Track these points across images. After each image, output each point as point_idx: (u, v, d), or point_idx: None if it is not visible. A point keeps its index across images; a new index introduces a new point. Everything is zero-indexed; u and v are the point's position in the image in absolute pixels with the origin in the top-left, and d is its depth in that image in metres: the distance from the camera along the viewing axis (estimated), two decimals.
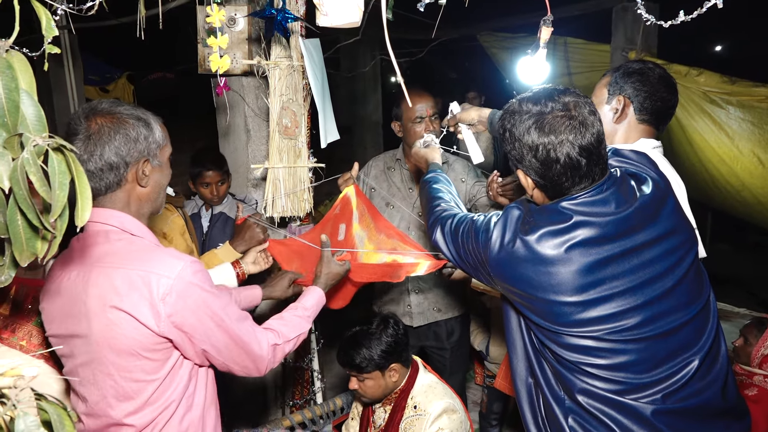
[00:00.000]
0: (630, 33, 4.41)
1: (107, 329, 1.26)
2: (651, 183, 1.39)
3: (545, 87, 1.40)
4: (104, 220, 1.34)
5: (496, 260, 1.39)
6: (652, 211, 1.36)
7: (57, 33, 0.97)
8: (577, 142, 1.30)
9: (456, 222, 1.58)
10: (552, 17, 1.53)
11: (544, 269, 1.31)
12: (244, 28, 2.47)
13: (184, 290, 1.28)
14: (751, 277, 5.66)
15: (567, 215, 1.32)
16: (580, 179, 1.33)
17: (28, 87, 0.87)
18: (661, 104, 1.78)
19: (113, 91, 7.24)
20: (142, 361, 1.29)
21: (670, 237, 1.36)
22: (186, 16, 2.74)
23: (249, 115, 2.78)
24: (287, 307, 1.70)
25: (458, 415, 2.07)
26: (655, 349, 1.32)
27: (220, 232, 2.98)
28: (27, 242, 0.85)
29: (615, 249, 1.31)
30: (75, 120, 1.33)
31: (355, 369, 2.11)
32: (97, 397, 1.32)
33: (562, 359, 1.37)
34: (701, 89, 3.85)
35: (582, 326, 1.32)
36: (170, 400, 1.35)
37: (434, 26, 1.88)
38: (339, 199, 2.16)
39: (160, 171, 1.41)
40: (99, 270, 1.28)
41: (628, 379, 1.32)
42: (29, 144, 0.81)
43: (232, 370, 1.43)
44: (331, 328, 3.23)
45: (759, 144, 3.76)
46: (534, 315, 1.39)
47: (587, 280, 1.30)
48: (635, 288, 1.31)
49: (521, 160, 1.39)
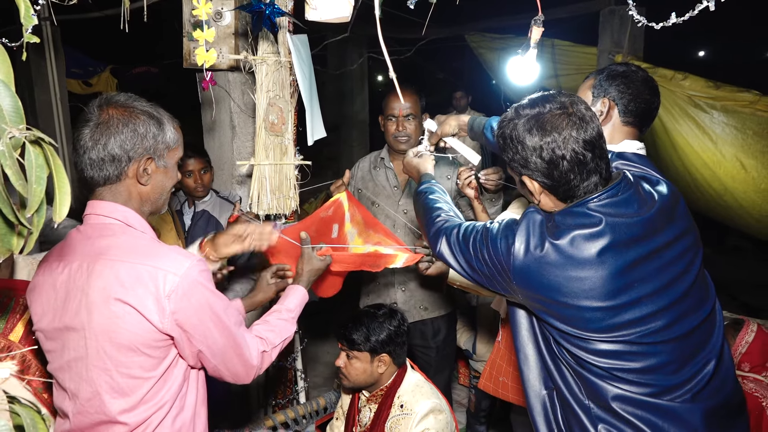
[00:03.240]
0: (617, 36, 4.44)
1: (109, 322, 1.25)
2: (665, 185, 1.40)
3: (537, 94, 1.41)
4: (108, 213, 1.33)
5: (522, 267, 1.35)
6: (669, 212, 1.37)
7: (36, 22, 0.94)
8: (580, 136, 1.30)
9: (463, 232, 1.53)
10: (543, 17, 1.52)
11: (575, 274, 1.29)
12: (231, 23, 2.44)
13: (190, 289, 1.27)
14: (730, 280, 5.74)
15: (596, 217, 1.31)
16: (588, 174, 1.33)
17: (5, 77, 0.84)
18: (645, 106, 1.79)
19: (96, 84, 7.15)
20: (141, 357, 1.28)
21: (684, 238, 1.38)
22: (171, 10, 2.70)
23: (234, 111, 2.74)
24: (271, 309, 1.68)
25: (444, 415, 2.07)
26: (681, 349, 1.34)
27: (201, 230, 2.92)
28: (2, 238, 0.82)
29: (642, 250, 1.31)
30: (90, 108, 1.33)
31: (347, 343, 2.13)
32: (89, 393, 1.29)
33: (592, 366, 1.34)
34: (686, 93, 3.89)
35: (613, 331, 1.31)
36: (164, 399, 1.33)
37: (421, 25, 1.87)
38: (330, 201, 2.18)
39: (164, 173, 1.39)
40: (104, 262, 1.26)
41: (660, 381, 1.32)
42: (5, 136, 0.78)
43: (222, 374, 1.42)
44: (315, 327, 3.20)
45: (742, 149, 3.80)
46: (560, 322, 1.35)
47: (619, 284, 1.29)
48: (660, 290, 1.32)
49: (526, 165, 1.37)
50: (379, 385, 2.18)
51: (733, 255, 6.80)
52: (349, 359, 2.15)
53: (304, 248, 1.88)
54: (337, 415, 2.42)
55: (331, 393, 2.86)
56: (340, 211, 2.19)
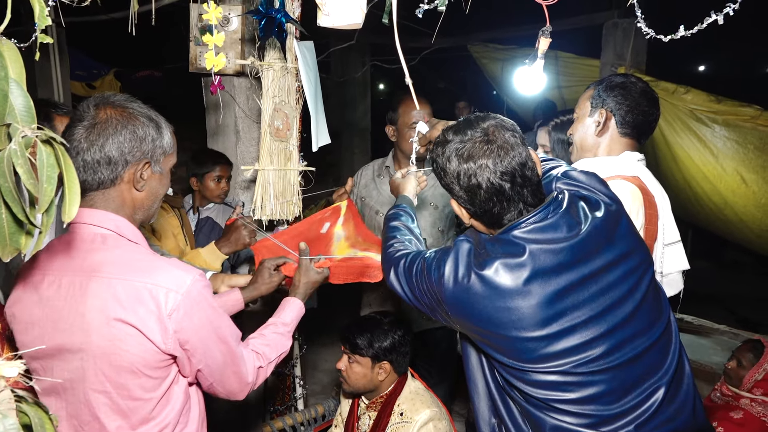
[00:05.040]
0: (620, 49, 4.47)
1: (109, 344, 1.18)
2: (603, 206, 1.34)
3: (470, 116, 1.38)
4: (99, 222, 1.24)
5: (452, 297, 1.32)
6: (607, 234, 1.32)
7: (50, 22, 0.95)
8: (497, 167, 1.28)
9: (408, 261, 1.49)
10: (551, 28, 1.53)
11: (503, 305, 1.26)
12: (238, 28, 2.45)
13: (192, 307, 1.22)
14: (729, 295, 5.74)
15: (520, 246, 1.28)
16: (509, 204, 1.30)
17: (18, 76, 0.84)
18: (643, 118, 1.79)
19: (100, 87, 7.16)
20: (142, 379, 1.22)
21: (626, 259, 1.32)
22: (178, 14, 2.71)
23: (239, 116, 2.74)
24: (267, 322, 1.63)
25: (444, 423, 2.06)
26: (623, 377, 1.29)
27: (206, 237, 2.95)
28: (11, 237, 0.82)
29: (573, 277, 1.27)
30: (83, 107, 1.25)
31: (350, 347, 2.14)
32: (88, 416, 1.24)
33: (530, 397, 1.32)
34: (688, 107, 3.91)
35: (548, 361, 1.27)
36: (168, 419, 1.28)
37: (426, 34, 1.88)
38: (331, 207, 2.16)
39: (159, 179, 1.33)
40: (99, 280, 1.19)
41: (599, 412, 1.27)
42: (17, 135, 0.78)
43: (216, 392, 1.37)
44: (315, 335, 3.19)
45: (743, 163, 3.81)
46: (497, 353, 1.33)
47: (549, 313, 1.25)
48: (597, 316, 1.27)
49: (451, 190, 1.37)
50: (378, 392, 2.17)
51: (732, 269, 6.80)
52: (351, 363, 2.15)
53: (302, 260, 1.83)
54: (336, 422, 2.41)
55: (330, 400, 2.85)
56: (336, 214, 2.17)
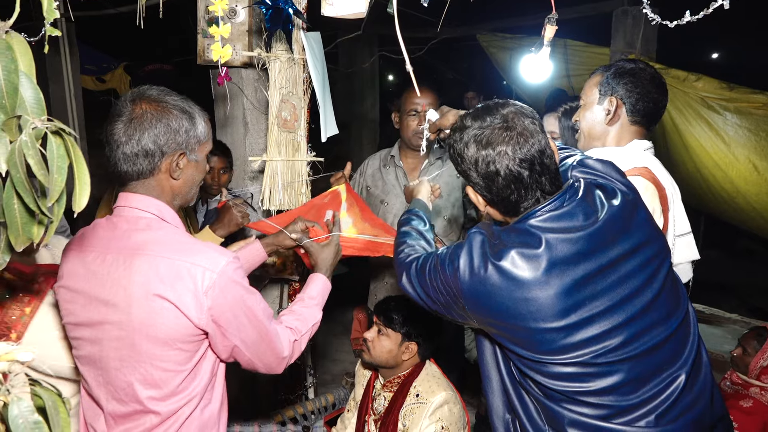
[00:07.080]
0: (630, 37, 4.41)
1: (148, 317, 1.27)
2: (620, 195, 1.33)
3: (489, 102, 1.37)
4: (144, 207, 1.34)
5: (470, 290, 1.31)
6: (623, 223, 1.31)
7: (58, 15, 0.96)
8: (516, 154, 1.27)
9: (420, 263, 1.50)
10: (557, 15, 1.52)
11: (521, 296, 1.25)
12: (245, 20, 2.46)
13: (226, 286, 1.30)
14: (741, 284, 5.69)
15: (536, 235, 1.26)
16: (526, 191, 1.30)
17: (27, 69, 0.86)
18: (653, 105, 1.76)
19: (110, 81, 7.20)
20: (175, 351, 1.31)
21: (644, 248, 1.31)
22: (186, 6, 2.72)
23: (247, 107, 2.76)
24: (294, 299, 1.70)
25: (458, 408, 2.09)
26: (642, 367, 1.28)
27: None
28: (23, 227, 0.84)
29: (591, 266, 1.25)
30: (122, 102, 1.34)
31: (385, 320, 2.16)
32: (123, 384, 1.32)
33: (548, 389, 1.31)
34: (699, 95, 3.86)
35: (566, 352, 1.26)
36: (195, 391, 1.36)
37: (433, 24, 1.88)
38: (329, 191, 2.18)
39: (195, 166, 1.41)
40: (143, 257, 1.28)
41: (618, 402, 1.27)
42: (28, 127, 0.80)
43: (256, 367, 1.45)
44: (325, 324, 3.21)
45: (755, 151, 3.77)
46: (515, 345, 1.32)
47: (568, 303, 1.24)
48: (616, 306, 1.26)
49: (468, 177, 1.36)
50: (396, 371, 2.19)
51: (744, 258, 6.74)
52: (380, 335, 2.17)
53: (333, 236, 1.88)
54: (349, 407, 2.43)
55: (340, 389, 2.88)
56: (337, 200, 2.18)
